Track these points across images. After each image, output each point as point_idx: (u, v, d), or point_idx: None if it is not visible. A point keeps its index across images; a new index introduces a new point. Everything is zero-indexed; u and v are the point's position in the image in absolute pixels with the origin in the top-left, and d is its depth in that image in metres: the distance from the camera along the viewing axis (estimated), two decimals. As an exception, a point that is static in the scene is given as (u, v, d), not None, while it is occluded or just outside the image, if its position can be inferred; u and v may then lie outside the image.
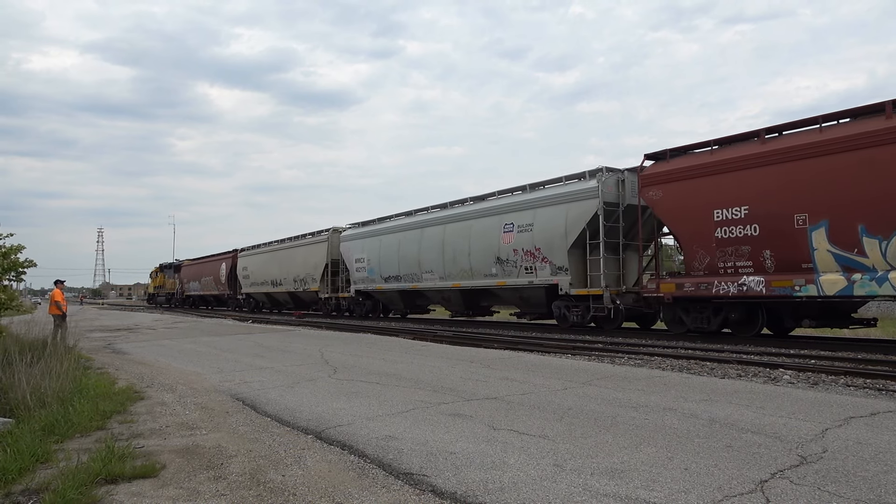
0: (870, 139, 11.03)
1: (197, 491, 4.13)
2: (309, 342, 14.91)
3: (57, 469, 4.59)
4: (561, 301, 17.19)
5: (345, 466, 4.58)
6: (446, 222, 21.37)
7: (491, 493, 3.87)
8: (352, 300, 27.41)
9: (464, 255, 20.11)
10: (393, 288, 24.26)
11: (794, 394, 7.06)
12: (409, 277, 23.14)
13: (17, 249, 10.61)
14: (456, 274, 20.60)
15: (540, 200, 17.72)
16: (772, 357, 10.81)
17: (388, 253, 24.21)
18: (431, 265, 21.72)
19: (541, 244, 17.28)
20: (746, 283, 12.73)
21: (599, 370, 9.21)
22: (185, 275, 50.18)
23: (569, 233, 16.51)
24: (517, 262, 18.05)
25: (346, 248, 27.44)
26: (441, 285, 21.48)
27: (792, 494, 3.74)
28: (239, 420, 6.25)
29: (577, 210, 16.34)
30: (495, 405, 6.60)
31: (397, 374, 9.00)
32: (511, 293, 19.03)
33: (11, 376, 6.88)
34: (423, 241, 22.33)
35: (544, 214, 17.34)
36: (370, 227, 26.34)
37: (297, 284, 31.42)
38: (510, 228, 18.38)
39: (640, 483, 4.00)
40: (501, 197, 19.79)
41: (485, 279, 19.39)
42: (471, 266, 19.85)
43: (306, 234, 31.90)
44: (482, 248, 19.32)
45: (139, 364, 11.47)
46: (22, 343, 9.31)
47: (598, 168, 16.33)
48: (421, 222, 22.90)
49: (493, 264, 18.90)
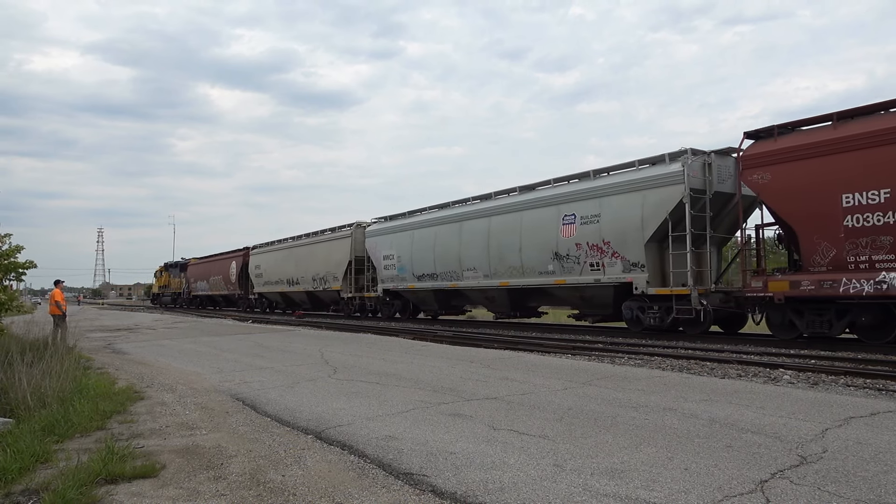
0: None
1: (197, 491, 4.13)
2: (309, 342, 14.91)
3: (57, 469, 4.59)
4: (633, 301, 15.30)
5: (345, 466, 4.58)
6: (491, 214, 19.34)
7: (491, 493, 3.87)
8: (379, 300, 25.52)
9: (513, 250, 18.19)
10: (427, 287, 22.24)
11: (794, 394, 7.06)
12: (446, 276, 21.15)
13: (16, 250, 10.61)
14: (503, 272, 18.69)
15: (608, 188, 15.72)
16: (772, 357, 10.81)
17: (422, 249, 22.22)
18: (474, 262, 19.80)
19: (610, 237, 15.39)
20: (888, 281, 10.89)
21: (599, 370, 9.21)
22: (191, 274, 48.73)
23: (646, 224, 14.65)
24: (580, 257, 16.18)
25: (372, 244, 25.50)
26: (485, 284, 19.52)
27: (792, 494, 3.74)
28: (239, 420, 6.25)
29: (657, 197, 14.45)
30: (495, 405, 6.60)
31: (397, 374, 9.00)
32: (570, 293, 17.12)
33: (12, 376, 6.88)
34: (463, 236, 20.36)
35: (614, 203, 15.41)
36: (400, 220, 24.31)
37: (316, 283, 29.57)
38: (571, 220, 16.42)
39: (640, 483, 4.00)
40: (557, 185, 17.68)
41: (539, 277, 17.46)
42: (522, 263, 17.94)
43: (325, 229, 29.92)
44: (536, 243, 17.43)
45: (139, 364, 11.47)
46: (22, 343, 9.31)
47: (682, 150, 14.47)
48: (460, 215, 20.82)
49: (551, 260, 16.96)
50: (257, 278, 36.12)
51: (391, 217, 25.31)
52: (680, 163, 14.13)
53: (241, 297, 39.71)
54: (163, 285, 58.15)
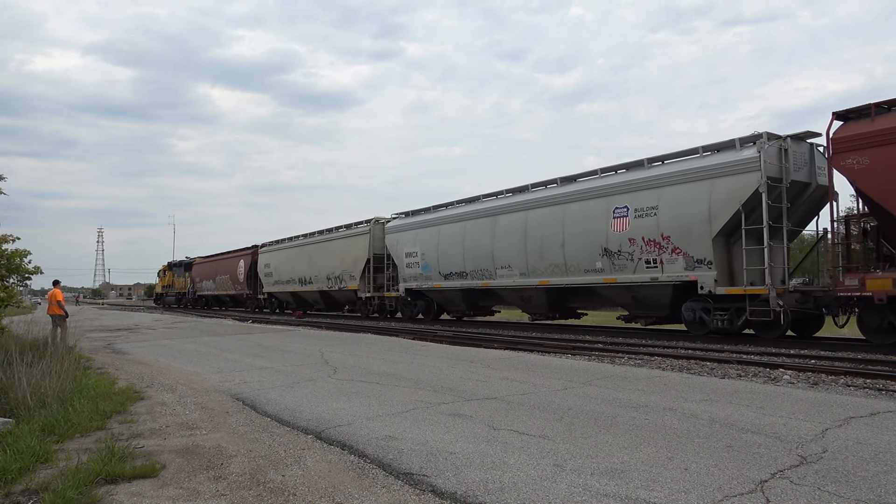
0: None
1: (197, 491, 4.13)
2: (309, 342, 14.91)
3: (57, 469, 4.59)
4: (696, 302, 14.02)
5: (345, 466, 4.58)
6: (529, 207, 17.92)
7: (491, 494, 3.87)
8: (400, 300, 24.14)
9: (554, 246, 16.85)
10: (455, 287, 20.88)
11: (794, 394, 7.06)
12: (477, 274, 19.77)
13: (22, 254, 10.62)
14: (543, 269, 17.30)
15: (668, 177, 14.39)
16: (772, 357, 10.81)
17: (450, 245, 20.88)
18: (509, 259, 18.46)
19: (671, 231, 14.09)
20: None
21: (599, 370, 9.21)
22: (197, 273, 47.30)
23: (714, 216, 13.36)
24: (633, 253, 14.84)
25: (393, 240, 24.11)
26: (522, 283, 18.15)
27: (792, 494, 3.74)
28: (239, 420, 6.25)
29: (727, 187, 13.16)
30: (495, 405, 6.60)
31: (397, 374, 9.00)
32: (621, 293, 15.79)
33: (12, 376, 6.88)
34: (497, 231, 18.95)
35: (675, 194, 14.12)
36: (424, 215, 22.97)
37: (330, 283, 28.13)
38: (623, 213, 15.07)
39: (640, 483, 4.00)
40: (605, 175, 16.36)
41: (585, 276, 16.12)
42: (565, 260, 16.58)
43: (340, 226, 28.57)
44: (582, 238, 16.14)
45: (139, 364, 11.47)
46: (22, 343, 9.31)
47: (756, 134, 13.13)
48: (493, 209, 19.46)
49: (599, 257, 15.64)
50: (267, 277, 34.90)
51: (413, 212, 23.92)
52: (755, 148, 12.89)
53: (249, 297, 38.49)
54: (166, 285, 56.66)
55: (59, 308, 15.28)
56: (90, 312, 44.77)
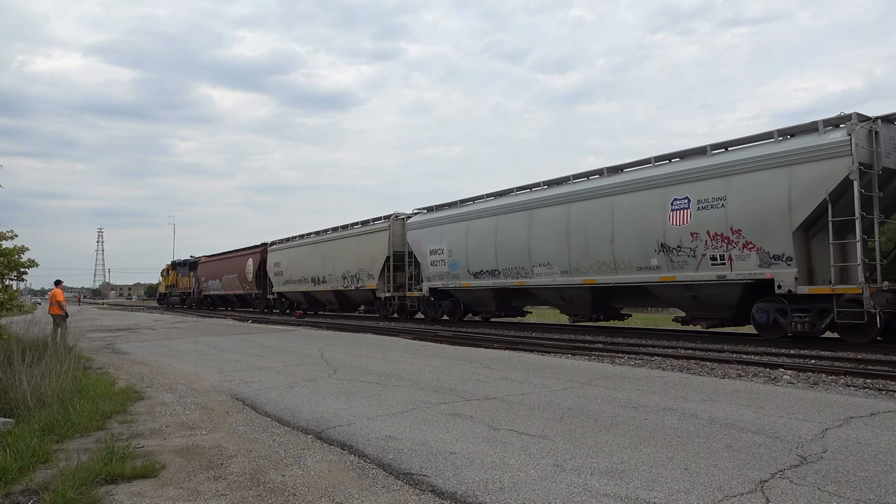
0: None
1: (197, 491, 4.13)
2: (309, 342, 14.91)
3: (57, 469, 4.59)
4: (769, 303, 12.79)
5: (345, 466, 4.58)
6: (571, 200, 16.58)
7: (491, 493, 3.87)
8: (423, 300, 22.74)
9: (602, 241, 15.55)
10: (485, 286, 19.61)
11: (794, 394, 7.06)
12: (511, 272, 18.44)
13: (20, 250, 10.61)
14: (588, 267, 15.97)
15: (738, 165, 13.07)
16: (772, 357, 10.81)
17: (480, 242, 19.58)
18: (548, 256, 17.12)
19: (742, 224, 12.83)
20: None
21: (599, 370, 9.21)
22: (202, 272, 45.61)
23: (795, 207, 12.09)
24: (696, 249, 13.60)
25: (415, 237, 22.74)
26: (562, 282, 16.81)
27: (792, 494, 3.74)
28: (239, 420, 6.25)
29: (810, 174, 11.84)
30: (495, 405, 6.60)
31: (397, 374, 9.00)
32: (680, 292, 14.42)
33: (12, 376, 6.89)
34: (534, 226, 17.58)
35: (747, 183, 12.82)
36: (450, 210, 21.57)
37: (346, 282, 26.72)
38: (683, 204, 13.83)
39: (640, 483, 4.00)
40: (659, 165, 14.94)
41: (638, 273, 14.83)
42: (614, 257, 15.26)
43: (356, 222, 27.19)
44: (635, 233, 14.82)
45: (139, 364, 11.47)
46: (23, 343, 9.31)
47: (844, 115, 11.80)
48: (529, 202, 18.02)
49: (655, 253, 14.37)
50: (277, 277, 33.45)
51: (438, 206, 22.54)
52: (843, 131, 11.62)
53: (258, 296, 36.98)
54: (170, 284, 55.15)
55: (59, 308, 15.29)
56: (90, 312, 44.77)
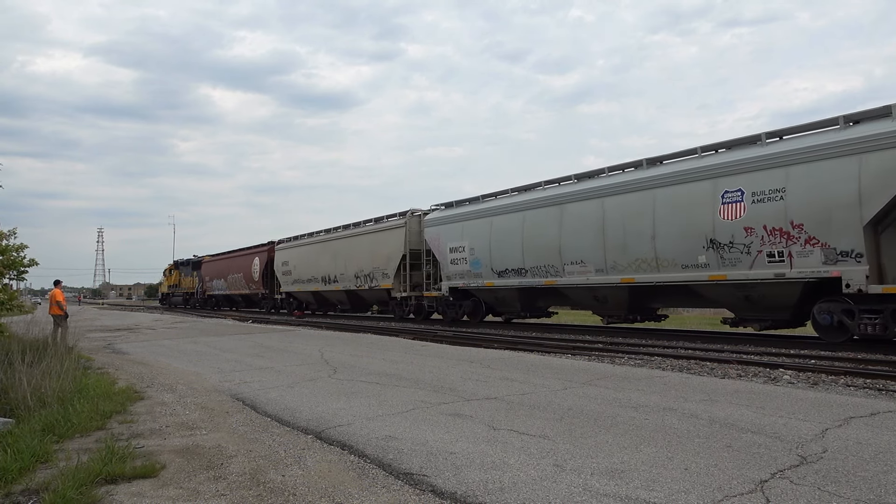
0: None
1: (197, 491, 4.13)
2: (309, 342, 14.91)
3: (57, 469, 4.59)
4: (833, 303, 11.96)
5: (345, 466, 4.58)
6: (607, 194, 15.61)
7: (491, 494, 3.87)
8: (442, 300, 21.77)
9: (642, 238, 14.61)
10: (511, 285, 18.62)
11: (794, 394, 7.06)
12: (540, 271, 17.45)
13: (19, 248, 10.60)
14: (626, 265, 15.02)
15: (799, 154, 12.06)
16: (772, 357, 10.81)
17: (505, 239, 18.60)
18: (581, 253, 16.12)
19: (804, 218, 11.87)
20: None
21: (599, 370, 9.21)
22: (206, 272, 44.64)
23: (866, 199, 11.11)
24: (751, 245, 12.68)
25: (434, 234, 21.73)
26: (597, 281, 15.84)
27: (792, 494, 3.74)
28: (239, 420, 6.25)
29: (885, 163, 10.88)
30: (495, 405, 6.60)
31: (397, 374, 9.00)
32: (730, 291, 13.45)
33: (12, 376, 6.88)
34: (565, 222, 16.63)
35: (810, 173, 11.82)
36: (472, 206, 20.63)
37: (359, 281, 25.75)
38: (735, 197, 12.86)
39: (640, 483, 4.00)
40: (706, 155, 13.98)
41: (683, 272, 13.87)
42: (656, 254, 14.32)
43: (369, 219, 26.21)
44: (680, 228, 13.90)
45: (139, 364, 11.47)
46: (23, 343, 9.32)
47: None
48: (560, 196, 17.01)
49: (703, 250, 13.43)
50: (285, 276, 32.42)
51: (458, 202, 21.60)
52: None
53: (265, 297, 35.92)
54: (173, 284, 54.08)
55: (59, 308, 15.30)
56: (90, 312, 44.76)
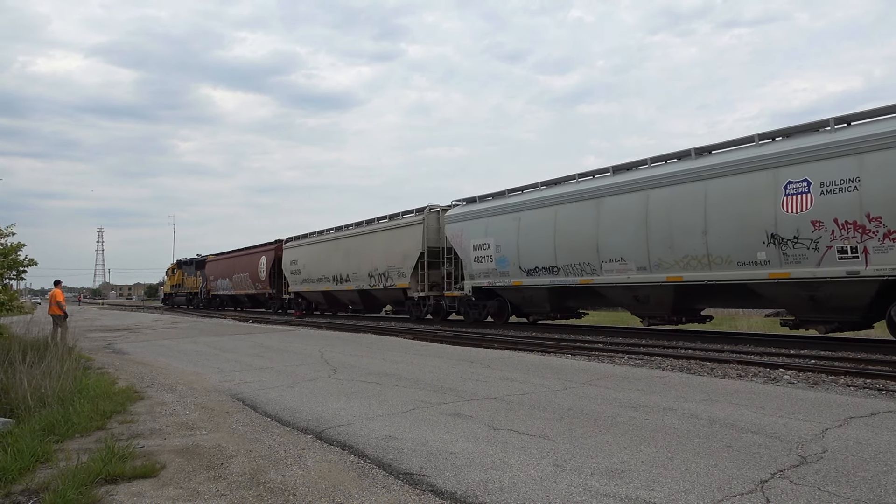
0: None
1: (197, 491, 4.13)
2: (309, 342, 14.91)
3: (57, 469, 4.59)
4: None
5: (345, 466, 4.58)
6: (651, 186, 14.56)
7: (491, 494, 3.87)
8: (464, 300, 20.86)
9: (691, 233, 13.62)
10: (541, 284, 17.54)
11: (794, 394, 7.06)
12: (574, 269, 16.40)
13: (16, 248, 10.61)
14: (674, 262, 14.01)
15: (875, 140, 11.10)
16: (772, 357, 10.81)
17: (535, 235, 17.52)
18: (621, 250, 15.10)
19: (883, 210, 10.88)
20: None
21: (599, 370, 9.21)
22: (210, 271, 43.59)
23: None
24: (819, 240, 11.72)
25: (455, 231, 20.71)
26: (639, 280, 14.81)
27: (792, 494, 3.74)
28: (239, 420, 6.25)
29: None
30: (495, 405, 6.60)
31: (397, 374, 9.00)
32: (793, 290, 12.32)
33: (12, 376, 6.88)
34: (603, 217, 15.58)
35: (890, 161, 10.83)
36: (497, 200, 19.65)
37: (373, 280, 24.67)
38: (800, 188, 11.89)
39: (640, 483, 4.00)
40: (763, 144, 12.91)
41: (739, 269, 12.83)
42: (708, 250, 13.31)
43: (383, 216, 25.18)
44: (736, 222, 12.86)
45: (139, 364, 11.47)
46: (23, 343, 9.32)
47: None
48: (597, 189, 15.95)
49: (763, 246, 12.42)
50: (293, 275, 31.34)
51: (481, 197, 20.56)
52: None
53: (272, 296, 34.89)
54: (176, 284, 52.95)
55: (59, 308, 15.30)
56: (90, 312, 44.75)
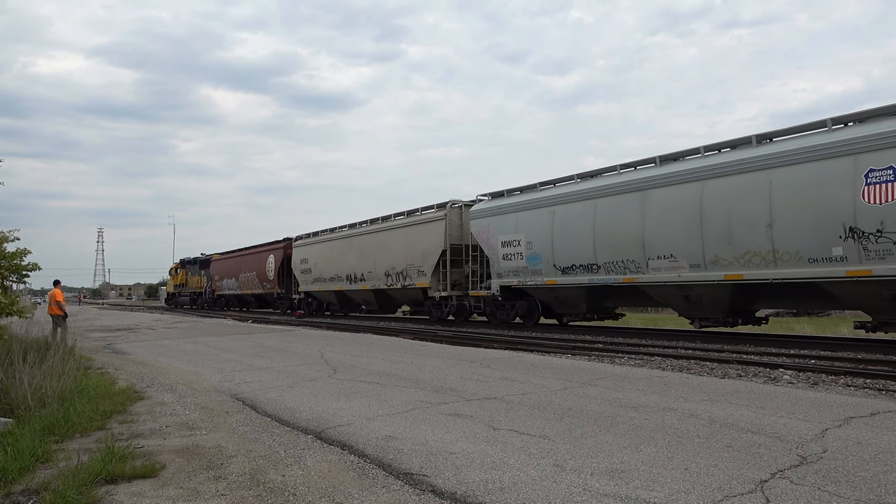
0: None
1: (197, 491, 4.13)
2: (309, 342, 14.91)
3: (57, 469, 4.59)
4: None
5: (345, 466, 4.58)
6: (706, 176, 13.53)
7: (491, 493, 3.87)
8: (490, 300, 19.86)
9: (754, 227, 12.57)
10: (578, 283, 16.49)
11: (794, 394, 7.06)
12: (616, 267, 15.37)
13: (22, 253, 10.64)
14: (732, 260, 12.99)
15: None
16: (772, 357, 10.81)
17: (572, 230, 16.49)
18: (671, 246, 14.11)
19: None
20: None
21: (599, 370, 9.21)
22: (216, 271, 42.30)
23: None
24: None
25: (482, 227, 19.70)
26: (692, 278, 13.76)
27: (792, 494, 3.74)
28: (239, 420, 6.25)
29: None
30: (495, 405, 6.60)
31: (397, 374, 9.00)
32: (874, 290, 11.40)
33: (12, 376, 6.88)
34: (649, 210, 14.57)
35: None
36: (528, 194, 18.45)
37: (390, 280, 23.60)
38: (886, 176, 10.90)
39: (640, 483, 4.00)
40: (837, 128, 11.79)
41: (811, 267, 11.76)
42: (773, 246, 12.26)
43: (400, 213, 24.05)
44: (807, 215, 11.80)
45: (139, 364, 11.47)
46: (24, 343, 9.32)
47: None
48: (642, 181, 14.87)
49: (840, 240, 11.43)
50: (304, 275, 30.26)
51: (508, 191, 19.45)
52: None
53: (280, 296, 33.79)
54: (179, 284, 51.58)
55: (58, 308, 15.29)
56: (90, 312, 44.75)
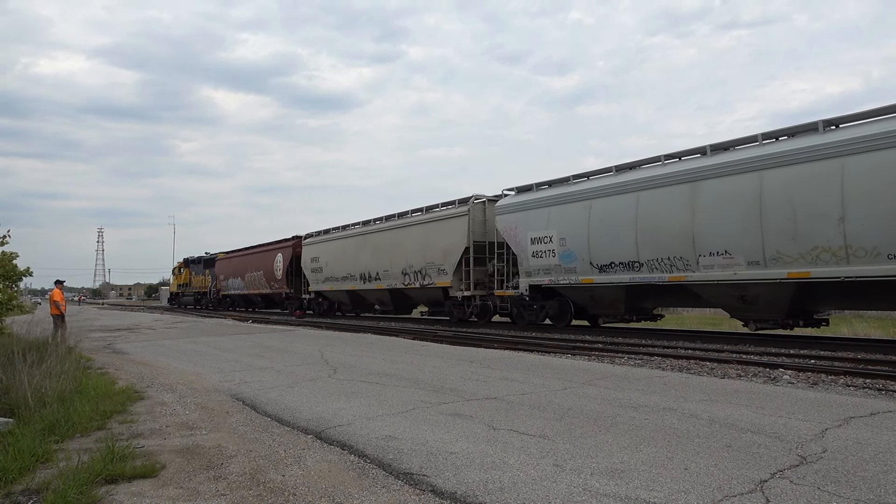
0: None
1: (197, 491, 4.14)
2: (309, 342, 14.91)
3: (57, 469, 4.59)
4: None
5: (345, 466, 4.58)
6: (766, 166, 12.43)
7: (491, 493, 3.87)
8: (517, 300, 18.71)
9: (823, 221, 11.53)
10: (617, 281, 15.42)
11: (794, 394, 7.06)
12: (661, 264, 14.27)
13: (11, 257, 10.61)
14: (798, 256, 12.00)
15: None
16: (772, 357, 10.81)
17: (611, 225, 15.37)
18: (725, 242, 13.04)
19: None
20: None
21: (599, 370, 9.21)
22: (220, 270, 41.28)
23: None
24: None
25: (509, 222, 18.54)
26: (748, 276, 12.75)
27: (792, 494, 3.74)
28: (239, 420, 6.25)
29: None
30: (495, 405, 6.60)
31: (397, 374, 9.00)
32: None
33: (12, 376, 6.89)
34: (700, 203, 13.48)
35: None
36: (560, 188, 17.28)
37: (408, 279, 22.52)
38: None
39: (640, 483, 4.01)
40: None
41: (890, 263, 10.76)
42: (846, 241, 11.25)
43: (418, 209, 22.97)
44: (885, 206, 10.82)
45: (139, 364, 11.47)
46: (24, 343, 9.32)
47: None
48: (691, 172, 13.75)
49: None
50: (314, 273, 29.23)
51: (538, 185, 18.28)
52: None
53: (289, 296, 32.70)
54: (183, 283, 50.63)
55: (56, 308, 15.30)
56: (90, 312, 44.75)
